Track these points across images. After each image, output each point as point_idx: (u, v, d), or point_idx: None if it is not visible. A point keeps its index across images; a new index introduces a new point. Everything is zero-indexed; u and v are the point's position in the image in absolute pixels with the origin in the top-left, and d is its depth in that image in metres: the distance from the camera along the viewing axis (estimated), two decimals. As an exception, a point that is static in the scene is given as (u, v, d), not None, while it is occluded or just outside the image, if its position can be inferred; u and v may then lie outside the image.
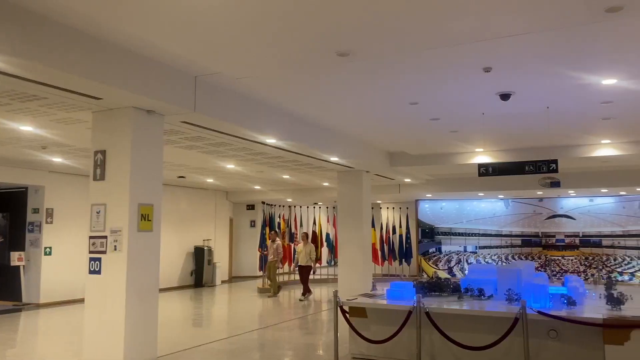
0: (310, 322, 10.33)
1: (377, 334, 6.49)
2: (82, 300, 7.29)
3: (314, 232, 18.52)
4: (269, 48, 5.51)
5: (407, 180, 15.28)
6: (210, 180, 15.35)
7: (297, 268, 14.19)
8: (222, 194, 18.93)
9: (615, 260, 16.40)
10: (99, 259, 6.20)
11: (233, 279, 19.12)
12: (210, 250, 17.46)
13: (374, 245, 17.46)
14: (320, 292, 15.73)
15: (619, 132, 9.80)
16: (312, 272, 13.98)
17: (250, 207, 19.83)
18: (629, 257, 16.23)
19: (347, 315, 6.79)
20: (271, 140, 8.51)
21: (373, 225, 16.95)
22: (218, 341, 8.33)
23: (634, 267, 16.14)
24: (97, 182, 6.32)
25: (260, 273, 16.22)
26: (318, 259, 15.30)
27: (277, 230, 16.08)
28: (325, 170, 12.71)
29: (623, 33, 5.13)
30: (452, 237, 18.66)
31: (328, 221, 19.79)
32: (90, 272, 6.26)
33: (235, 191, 18.84)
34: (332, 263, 18.77)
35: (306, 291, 13.70)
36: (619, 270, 16.27)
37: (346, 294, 8.17)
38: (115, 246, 6.09)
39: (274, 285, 14.31)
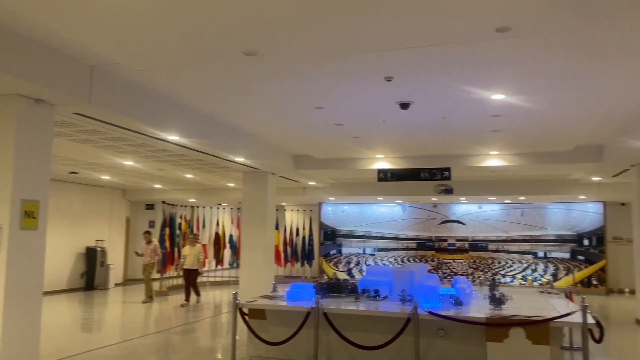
0: (208, 325, 10.11)
1: (276, 336, 6.49)
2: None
3: (216, 234, 18.18)
4: (172, 41, 5.33)
5: (312, 183, 15.48)
6: (106, 177, 14.52)
7: (182, 271, 13.25)
8: (118, 192, 18.01)
9: (499, 263, 17.75)
10: (-27, 260, 5.61)
11: (128, 281, 18.20)
12: (103, 251, 16.53)
13: (277, 247, 17.47)
14: (221, 295, 15.46)
15: (506, 145, 10.61)
16: (199, 275, 13.37)
17: (150, 206, 19.03)
18: (511, 260, 17.64)
19: (247, 317, 6.72)
20: (173, 138, 8.22)
21: (277, 227, 16.97)
22: (108, 346, 7.89)
23: (515, 270, 17.56)
24: (-27, 174, 5.72)
25: (158, 275, 15.60)
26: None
27: (150, 231, 14.84)
28: (230, 171, 12.52)
29: (511, 51, 5.56)
30: (352, 239, 19.17)
31: (232, 222, 19.52)
32: (-38, 273, 5.64)
33: (134, 189, 17.99)
34: (235, 265, 18.53)
35: (188, 296, 12.99)
36: (502, 272, 17.62)
37: (247, 295, 8.09)
38: (-8, 245, 5.54)
39: (147, 290, 13.43)
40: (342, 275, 18.13)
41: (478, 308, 6.29)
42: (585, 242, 16.84)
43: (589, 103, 7.49)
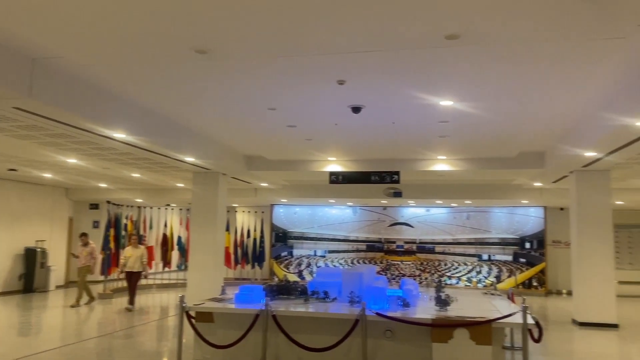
0: (154, 329, 9.86)
1: (224, 339, 6.39)
2: None
3: (164, 235, 17.75)
4: (119, 35, 5.17)
5: (264, 184, 15.38)
6: (47, 175, 13.92)
7: (124, 274, 12.49)
8: (61, 191, 17.30)
9: (445, 265, 18.20)
10: None
11: (70, 283, 17.48)
12: (44, 252, 15.81)
13: (227, 249, 17.23)
14: (168, 298, 15.12)
15: (453, 150, 10.91)
16: (143, 278, 12.78)
17: (94, 206, 18.37)
18: (456, 262, 18.12)
19: (194, 320, 6.59)
20: (120, 135, 7.98)
21: (228, 229, 16.75)
22: (47, 352, 7.56)
23: (460, 271, 18.06)
24: None
25: (102, 277, 15.08)
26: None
27: (87, 233, 13.94)
28: (179, 171, 12.27)
29: (460, 59, 5.72)
30: (304, 241, 19.19)
31: (181, 224, 19.11)
32: None
33: (77, 188, 17.33)
34: (183, 267, 18.14)
35: (132, 301, 12.32)
36: (448, 274, 18.09)
37: (195, 298, 7.93)
38: None
39: (79, 294, 12.71)
40: (293, 277, 18.11)
41: (424, 309, 6.41)
42: (527, 245, 17.53)
43: (532, 112, 7.81)
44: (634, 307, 13.83)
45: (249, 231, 19.02)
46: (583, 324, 10.46)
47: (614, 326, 10.29)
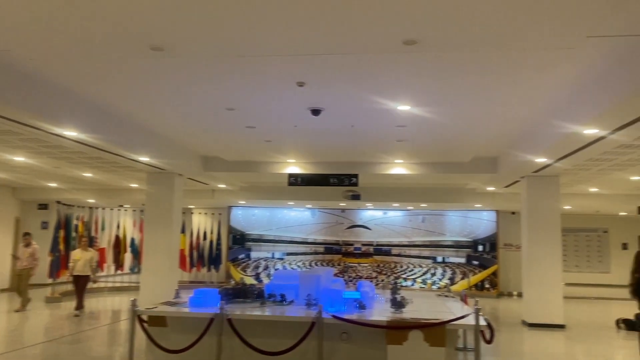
0: (104, 334, 9.56)
1: (177, 344, 6.24)
2: None
3: (117, 237, 17.26)
4: (71, 29, 4.98)
5: (222, 186, 15.18)
6: (-8, 173, 13.31)
7: (72, 277, 11.99)
8: (7, 190, 16.56)
9: (401, 267, 18.45)
10: None
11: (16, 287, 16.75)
12: (-13, 254, 15.10)
13: (182, 251, 16.90)
14: (120, 301, 14.70)
15: (410, 154, 11.07)
16: (91, 282, 12.24)
17: (43, 206, 17.66)
18: (412, 264, 18.40)
19: (146, 324, 6.42)
20: (71, 133, 7.70)
21: (183, 231, 16.44)
22: (-12, 360, 7.20)
23: (415, 273, 18.35)
24: None
25: (50, 280, 14.51)
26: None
27: (30, 232, 13.19)
28: (134, 171, 11.95)
29: (417, 64, 5.80)
30: (262, 243, 19.05)
31: (134, 225, 18.63)
32: None
33: (25, 187, 16.62)
34: (136, 270, 17.67)
35: (81, 304, 11.84)
36: (404, 276, 18.34)
37: (148, 302, 7.71)
38: None
39: (24, 298, 12.11)
40: (250, 280, 17.94)
41: (380, 311, 6.45)
42: (480, 248, 17.98)
43: (485, 118, 8.01)
44: (579, 308, 14.40)
45: (205, 233, 18.73)
46: (532, 325, 10.80)
47: (561, 327, 10.67)
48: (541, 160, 9.08)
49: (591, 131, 6.72)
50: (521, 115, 7.84)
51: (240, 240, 19.07)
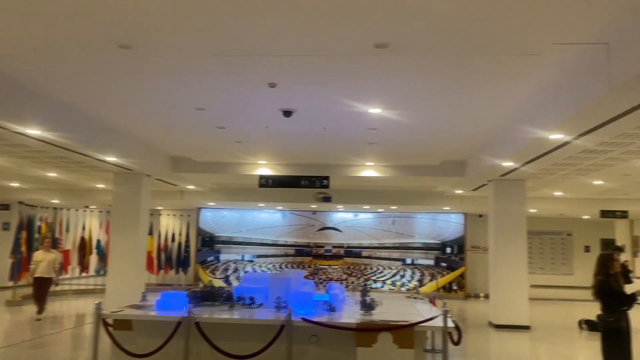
0: (68, 338, 9.30)
1: (143, 348, 6.11)
2: None
3: (82, 238, 16.86)
4: (35, 25, 4.82)
5: (191, 187, 14.98)
6: (-50, 172, 12.82)
7: (33, 280, 11.46)
8: (-34, 190, 15.99)
9: (371, 269, 18.54)
10: None
11: (-26, 290, 16.17)
12: (-56, 256, 14.53)
13: (150, 253, 16.60)
14: (85, 304, 14.34)
15: (380, 157, 11.14)
16: (54, 285, 11.79)
17: (4, 207, 17.10)
18: (382, 266, 18.52)
19: (112, 328, 6.26)
20: (34, 132, 7.46)
21: (151, 233, 16.15)
22: (-58, 366, 6.91)
23: (385, 275, 18.47)
24: None
25: (11, 283, 14.04)
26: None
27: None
28: (100, 171, 11.68)
29: (389, 68, 5.83)
30: (231, 245, 18.88)
31: (100, 227, 18.22)
32: None
33: (-15, 187, 16.09)
34: (102, 272, 17.28)
35: (42, 308, 11.33)
36: (374, 278, 18.44)
37: (114, 305, 7.54)
38: None
39: None
40: (219, 283, 17.74)
41: (350, 314, 6.45)
42: (448, 250, 18.22)
43: (454, 122, 8.12)
44: (544, 309, 14.72)
45: (173, 235, 18.46)
46: (499, 326, 10.98)
47: (527, 328, 10.89)
48: (508, 164, 9.25)
49: (556, 136, 6.88)
50: (489, 120, 7.97)
51: (209, 242, 18.85)
